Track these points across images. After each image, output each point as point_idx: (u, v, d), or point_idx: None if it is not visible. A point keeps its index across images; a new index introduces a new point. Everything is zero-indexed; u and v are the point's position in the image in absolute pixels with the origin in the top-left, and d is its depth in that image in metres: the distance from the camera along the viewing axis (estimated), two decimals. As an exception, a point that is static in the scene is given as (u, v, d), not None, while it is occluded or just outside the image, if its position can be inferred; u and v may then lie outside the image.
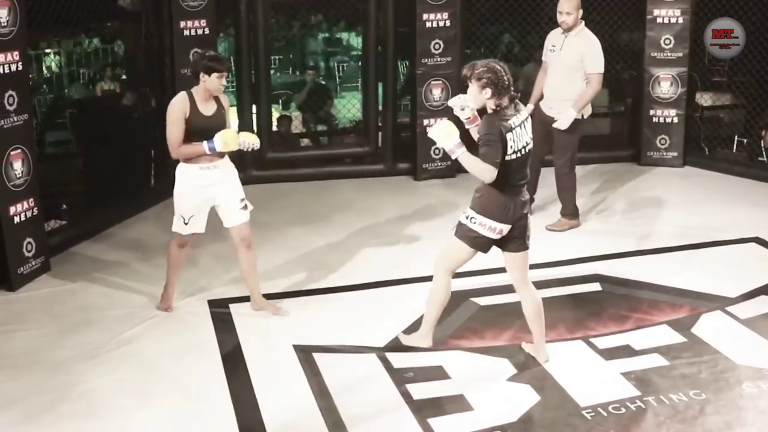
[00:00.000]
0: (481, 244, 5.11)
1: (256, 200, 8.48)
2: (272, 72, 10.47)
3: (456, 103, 5.13)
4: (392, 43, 9.18)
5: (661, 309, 6.03)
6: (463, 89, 5.10)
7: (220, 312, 6.08)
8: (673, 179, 9.07)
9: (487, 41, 9.87)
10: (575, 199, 7.61)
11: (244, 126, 9.07)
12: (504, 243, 5.13)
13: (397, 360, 5.37)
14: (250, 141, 5.82)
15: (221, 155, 5.79)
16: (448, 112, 8.98)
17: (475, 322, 5.87)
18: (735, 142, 9.49)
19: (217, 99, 5.80)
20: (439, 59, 8.99)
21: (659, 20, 9.23)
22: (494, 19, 9.61)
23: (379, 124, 9.37)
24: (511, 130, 4.85)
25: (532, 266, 5.58)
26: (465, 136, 5.04)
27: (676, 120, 9.36)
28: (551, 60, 7.46)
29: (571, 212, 7.58)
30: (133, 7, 8.53)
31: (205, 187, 5.77)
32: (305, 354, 5.47)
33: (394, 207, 8.25)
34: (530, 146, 5.02)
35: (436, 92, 9.04)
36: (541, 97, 7.56)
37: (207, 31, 8.53)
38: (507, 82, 4.85)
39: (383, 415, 4.81)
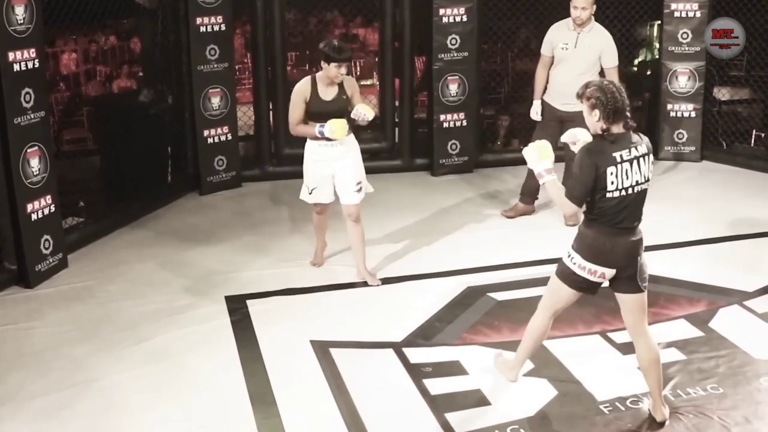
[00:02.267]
0: (585, 286, 4.62)
1: (274, 196, 8.58)
2: (288, 68, 10.47)
3: (568, 138, 4.74)
4: (409, 38, 9.17)
5: (678, 303, 6.01)
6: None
7: (238, 308, 6.09)
8: (691, 174, 9.04)
9: (504, 36, 9.85)
10: None
11: (259, 122, 9.10)
12: (614, 283, 4.64)
13: (414, 355, 5.38)
14: (363, 112, 6.03)
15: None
16: (463, 108, 9.02)
17: (493, 317, 5.86)
18: (753, 136, 9.45)
19: (341, 85, 6.14)
20: (455, 54, 8.98)
21: (677, 14, 9.19)
22: (511, 14, 9.58)
23: (396, 120, 9.36)
24: (614, 164, 4.34)
25: (549, 261, 5.56)
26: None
27: (693, 114, 9.32)
28: (563, 57, 7.38)
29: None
30: (150, 4, 8.54)
31: (325, 162, 6.23)
32: (322, 349, 5.47)
33: (410, 202, 8.25)
34: (642, 187, 4.47)
35: (453, 87, 9.02)
36: (543, 91, 7.60)
37: (223, 27, 8.54)
38: (621, 104, 4.36)
39: (400, 410, 4.81)
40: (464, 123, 9.14)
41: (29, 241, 6.46)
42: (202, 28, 8.42)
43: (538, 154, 4.57)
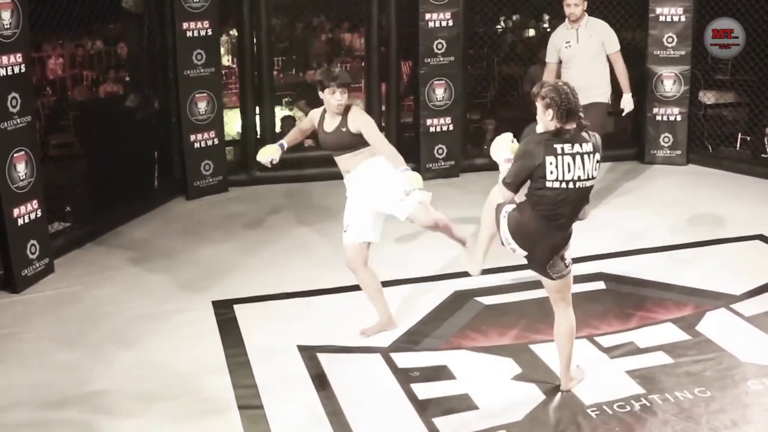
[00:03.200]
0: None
1: (261, 201, 8.57)
2: (275, 73, 10.46)
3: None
4: (395, 43, 9.18)
5: (665, 307, 6.02)
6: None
7: (225, 313, 6.08)
8: (677, 177, 9.07)
9: (489, 41, 9.87)
10: None
11: (246, 127, 9.10)
12: (530, 263, 4.76)
13: (402, 360, 5.37)
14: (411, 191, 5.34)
15: (354, 162, 5.54)
16: (449, 112, 9.04)
17: (480, 321, 5.86)
18: (739, 139, 9.48)
19: (345, 116, 5.42)
20: (441, 59, 8.99)
21: (662, 18, 9.22)
22: (497, 18, 9.60)
23: (383, 124, 9.37)
24: (555, 154, 4.40)
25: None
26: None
27: (679, 118, 9.35)
28: (571, 55, 7.61)
29: None
30: (136, 9, 8.54)
31: (352, 196, 5.68)
32: (309, 354, 5.47)
33: (397, 207, 8.24)
34: (584, 184, 4.49)
35: (439, 92, 9.04)
36: None
37: (210, 32, 8.54)
38: (573, 105, 4.46)
39: (388, 415, 4.81)
40: (451, 127, 9.16)
41: (15, 245, 6.44)
42: (189, 33, 8.42)
43: (499, 146, 4.76)
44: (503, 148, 4.74)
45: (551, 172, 4.41)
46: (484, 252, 4.91)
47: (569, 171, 4.43)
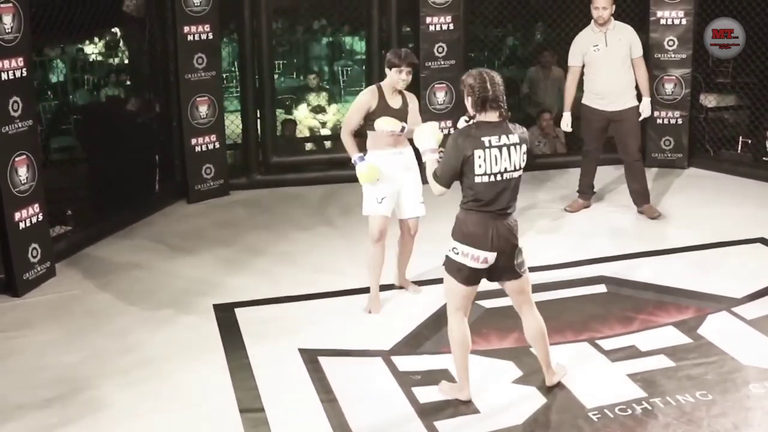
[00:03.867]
0: (470, 277, 4.68)
1: (262, 204, 8.57)
2: (276, 76, 10.48)
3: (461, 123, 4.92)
4: (396, 46, 9.17)
5: (666, 310, 6.02)
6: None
7: (226, 317, 6.08)
8: (678, 180, 9.06)
9: (490, 44, 9.87)
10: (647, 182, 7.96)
11: (247, 131, 9.10)
12: (494, 274, 4.75)
13: (403, 363, 5.37)
14: (383, 125, 5.82)
15: (405, 141, 5.99)
16: (451, 115, 9.04)
17: (480, 324, 5.85)
18: (739, 142, 9.47)
19: (403, 95, 6.01)
20: (442, 62, 8.99)
21: (663, 22, 9.22)
22: (498, 22, 9.61)
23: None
24: (482, 148, 4.45)
25: (538, 269, 5.57)
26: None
27: (680, 121, 9.34)
28: (597, 59, 7.63)
29: (647, 198, 7.92)
30: (137, 13, 8.54)
31: (393, 173, 5.98)
32: (311, 358, 5.47)
33: (398, 210, 8.25)
34: (511, 173, 4.52)
35: (440, 95, 9.04)
36: (577, 99, 7.89)
37: (211, 36, 8.54)
38: (491, 94, 4.46)
39: (390, 419, 4.81)
40: (452, 130, 9.15)
41: (17, 249, 6.44)
42: (190, 37, 8.42)
43: (428, 134, 4.88)
44: (428, 137, 4.86)
45: (479, 166, 4.47)
46: (466, 377, 4.93)
47: (496, 164, 4.48)
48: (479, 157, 4.46)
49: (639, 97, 7.78)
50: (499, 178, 4.50)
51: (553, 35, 10.25)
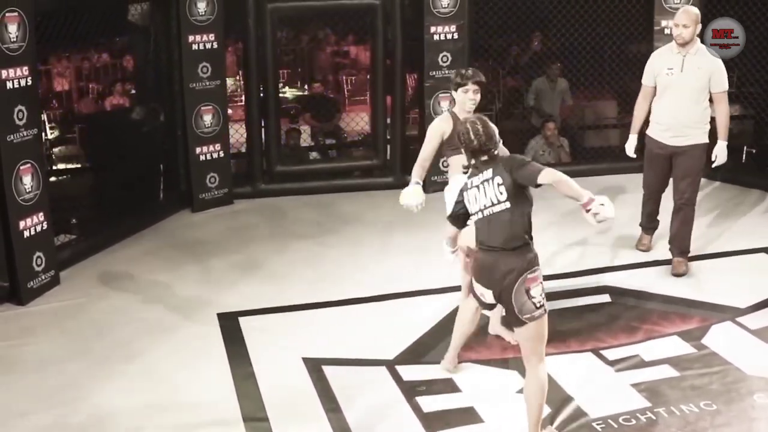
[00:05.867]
0: (483, 305, 4.77)
1: (266, 213, 8.58)
2: (280, 85, 10.49)
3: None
4: (400, 55, 9.20)
5: (671, 320, 6.01)
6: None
7: (230, 325, 6.08)
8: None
9: (495, 53, 9.88)
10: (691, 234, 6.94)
11: (251, 138, 9.12)
12: (505, 318, 4.82)
13: (407, 373, 5.37)
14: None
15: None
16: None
17: (485, 334, 5.85)
18: (744, 152, 9.46)
19: None
20: (447, 72, 9.00)
21: (667, 31, 9.20)
22: (502, 31, 9.62)
23: (388, 137, 9.38)
24: (466, 190, 4.61)
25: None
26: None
27: (684, 131, 9.29)
28: (669, 83, 6.67)
29: (687, 250, 6.89)
30: (142, 22, 8.57)
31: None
32: (315, 367, 5.47)
33: (401, 219, 8.23)
34: (491, 210, 4.47)
35: (445, 105, 9.04)
36: (645, 125, 7.06)
37: (215, 45, 8.55)
38: (476, 146, 4.49)
39: (393, 428, 4.81)
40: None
41: (21, 258, 6.45)
42: (195, 46, 8.43)
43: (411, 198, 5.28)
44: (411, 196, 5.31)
45: (469, 207, 4.60)
46: (456, 350, 5.32)
47: (476, 201, 4.54)
48: (466, 198, 4.61)
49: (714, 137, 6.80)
50: (482, 214, 4.52)
51: (557, 45, 10.27)
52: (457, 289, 6.49)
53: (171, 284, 6.85)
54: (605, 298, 6.40)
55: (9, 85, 6.25)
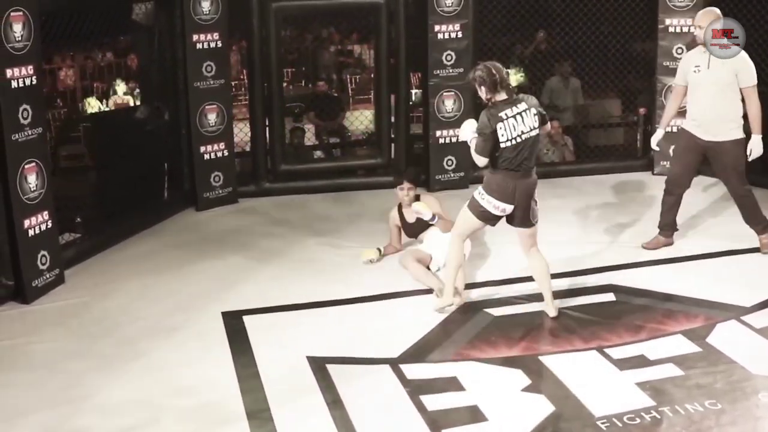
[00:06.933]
0: (488, 217, 5.85)
1: (270, 212, 8.59)
2: (284, 84, 10.50)
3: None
4: (404, 54, 9.20)
5: (675, 319, 6.00)
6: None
7: (234, 324, 6.09)
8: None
9: (499, 52, 9.88)
10: (762, 213, 7.18)
11: (255, 139, 9.12)
12: (511, 219, 5.86)
13: (411, 371, 5.37)
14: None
15: None
16: (458, 124, 9.03)
17: (489, 332, 5.86)
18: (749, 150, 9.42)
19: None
20: (451, 71, 9.01)
21: (671, 29, 9.21)
22: (506, 29, 9.61)
23: (392, 136, 9.39)
24: (501, 120, 5.58)
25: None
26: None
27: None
28: (698, 81, 6.93)
29: (764, 227, 7.13)
30: (147, 21, 8.57)
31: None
32: (319, 365, 5.46)
33: (407, 218, 8.25)
34: (528, 134, 5.64)
35: (449, 103, 9.05)
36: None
37: (219, 44, 8.57)
38: (498, 78, 5.61)
39: (398, 427, 4.80)
40: (460, 139, 9.15)
41: (26, 256, 6.46)
42: (199, 45, 8.45)
43: (467, 128, 5.92)
44: (468, 128, 5.89)
45: (502, 135, 5.60)
46: (452, 285, 6.10)
47: (515, 129, 5.62)
48: (501, 128, 5.59)
49: (748, 132, 6.97)
50: (519, 140, 5.61)
51: (561, 43, 10.27)
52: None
53: (175, 283, 6.86)
54: (610, 296, 6.40)
55: (14, 84, 6.26)
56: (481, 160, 5.79)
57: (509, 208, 5.76)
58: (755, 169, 9.14)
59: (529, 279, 6.40)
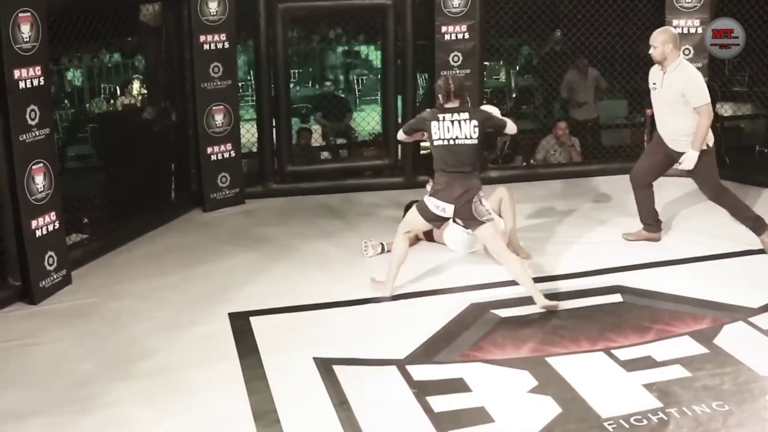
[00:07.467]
0: (430, 217, 6.29)
1: (277, 213, 8.59)
2: (291, 85, 10.51)
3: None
4: (411, 56, 9.20)
5: (682, 320, 6.00)
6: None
7: (241, 325, 6.09)
8: (694, 189, 8.99)
9: (506, 53, 9.88)
10: (753, 211, 7.27)
11: (262, 139, 9.13)
12: (462, 222, 6.27)
13: (418, 372, 5.37)
14: None
15: None
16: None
17: (496, 334, 5.85)
18: (756, 151, 9.44)
19: None
20: (458, 72, 9.00)
21: (678, 30, 9.19)
22: (513, 31, 9.61)
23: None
24: (438, 120, 6.12)
25: (553, 278, 5.51)
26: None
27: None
28: (654, 97, 7.19)
29: (758, 223, 7.17)
30: (154, 22, 8.59)
31: None
32: (325, 366, 5.46)
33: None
34: (462, 141, 6.09)
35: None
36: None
37: (227, 45, 8.58)
38: (452, 89, 6.14)
39: (404, 428, 4.80)
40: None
41: (33, 257, 6.47)
42: (206, 46, 8.46)
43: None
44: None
45: (435, 133, 6.13)
46: (393, 280, 6.46)
47: (448, 132, 6.10)
48: (435, 126, 6.13)
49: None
50: (452, 143, 6.10)
51: (568, 44, 10.26)
52: (468, 288, 6.53)
53: (182, 284, 6.86)
54: (617, 297, 6.39)
55: (21, 84, 6.27)
56: (400, 134, 6.50)
57: (449, 209, 6.15)
58: (763, 169, 9.18)
59: (538, 280, 6.40)
